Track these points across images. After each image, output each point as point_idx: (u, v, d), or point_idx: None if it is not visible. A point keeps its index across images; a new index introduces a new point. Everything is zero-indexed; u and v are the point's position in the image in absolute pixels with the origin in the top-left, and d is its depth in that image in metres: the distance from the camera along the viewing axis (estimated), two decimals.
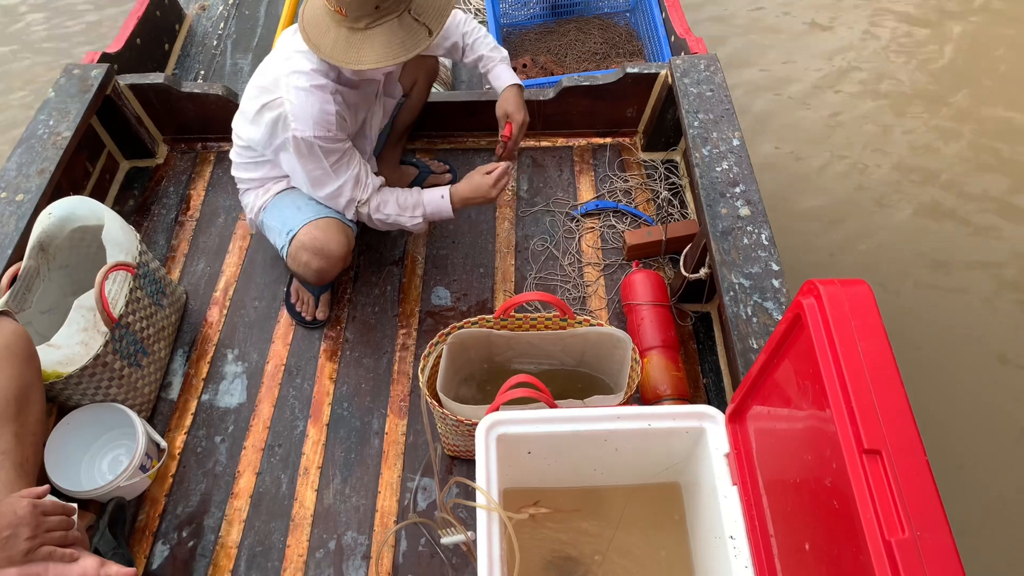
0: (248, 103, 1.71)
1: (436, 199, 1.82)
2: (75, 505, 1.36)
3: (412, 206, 1.81)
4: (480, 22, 2.86)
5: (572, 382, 1.76)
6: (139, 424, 1.66)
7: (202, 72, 2.76)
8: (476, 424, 1.36)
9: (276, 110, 1.63)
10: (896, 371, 0.88)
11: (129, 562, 1.55)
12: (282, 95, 1.61)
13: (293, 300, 2.04)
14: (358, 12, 1.49)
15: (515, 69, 2.64)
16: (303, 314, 2.02)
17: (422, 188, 1.86)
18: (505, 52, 1.99)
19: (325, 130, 1.62)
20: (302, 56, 1.63)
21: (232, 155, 1.92)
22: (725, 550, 1.22)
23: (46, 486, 1.30)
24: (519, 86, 1.94)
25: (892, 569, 0.77)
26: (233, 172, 1.95)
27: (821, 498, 0.95)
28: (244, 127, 1.79)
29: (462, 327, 1.61)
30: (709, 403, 1.79)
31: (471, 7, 2.95)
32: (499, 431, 1.31)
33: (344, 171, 1.73)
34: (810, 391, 0.98)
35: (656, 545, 1.47)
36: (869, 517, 0.81)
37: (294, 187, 1.89)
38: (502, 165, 1.80)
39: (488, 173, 1.79)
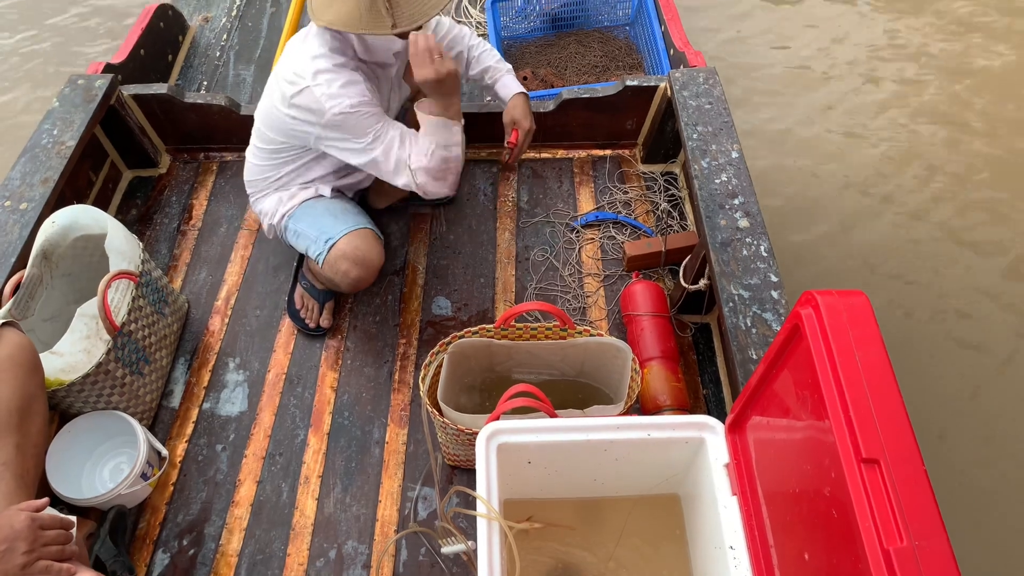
0: (273, 99, 1.75)
1: (431, 124, 1.72)
2: (74, 519, 1.35)
3: (436, 127, 1.73)
4: (481, 35, 2.89)
5: (572, 392, 1.77)
6: (140, 432, 1.67)
7: (205, 83, 2.78)
8: (476, 433, 1.37)
9: (308, 96, 1.65)
10: (893, 380, 0.89)
11: (130, 570, 1.56)
12: (308, 82, 1.64)
13: (298, 307, 2.05)
14: None
15: None
16: (307, 321, 2.03)
17: None
18: (510, 66, 2.04)
19: (360, 96, 1.66)
20: (316, 41, 1.68)
21: (250, 158, 1.94)
22: (725, 561, 1.22)
23: (45, 499, 1.30)
24: (525, 95, 1.99)
25: None
26: (248, 177, 1.97)
27: (820, 508, 0.96)
28: (274, 124, 1.80)
29: (463, 336, 1.62)
30: (709, 414, 1.79)
31: (472, 20, 2.98)
32: (500, 440, 1.32)
33: (389, 130, 1.72)
34: (809, 401, 0.99)
35: (656, 557, 1.48)
36: (868, 526, 0.82)
37: (323, 195, 1.93)
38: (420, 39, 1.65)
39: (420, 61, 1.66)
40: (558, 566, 1.48)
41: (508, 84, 2.01)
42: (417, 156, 1.72)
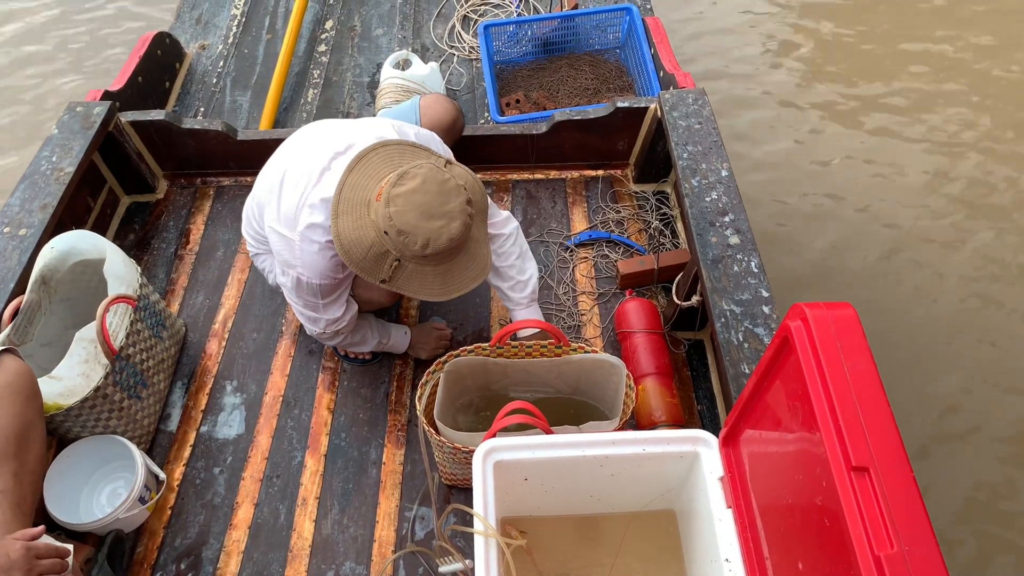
0: (269, 217, 1.67)
1: (401, 338, 1.96)
2: (70, 547, 1.35)
3: (381, 334, 1.91)
4: (473, 59, 2.94)
5: (568, 410, 1.78)
6: (138, 456, 1.67)
7: (202, 109, 2.81)
8: (473, 451, 1.38)
9: (286, 243, 1.61)
10: (881, 389, 0.91)
11: None
12: (296, 240, 1.58)
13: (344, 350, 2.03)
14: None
15: (508, 105, 2.71)
16: (360, 356, 2.02)
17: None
18: (531, 281, 1.84)
19: (331, 279, 1.63)
20: (322, 209, 1.55)
21: (245, 222, 1.94)
22: (721, 574, 1.23)
23: (41, 527, 1.30)
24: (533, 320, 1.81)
25: None
26: (245, 236, 1.99)
27: (812, 517, 0.98)
28: (255, 219, 1.84)
29: (459, 355, 1.64)
30: (704, 429, 1.80)
31: (465, 44, 3.03)
32: (496, 457, 1.33)
33: (333, 309, 1.72)
34: (800, 412, 1.01)
35: (653, 572, 1.48)
36: (858, 533, 0.84)
37: None
38: (447, 331, 2.03)
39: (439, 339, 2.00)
40: None
41: (519, 315, 1.86)
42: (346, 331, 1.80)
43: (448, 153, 1.71)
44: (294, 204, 1.58)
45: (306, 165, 1.61)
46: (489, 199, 1.68)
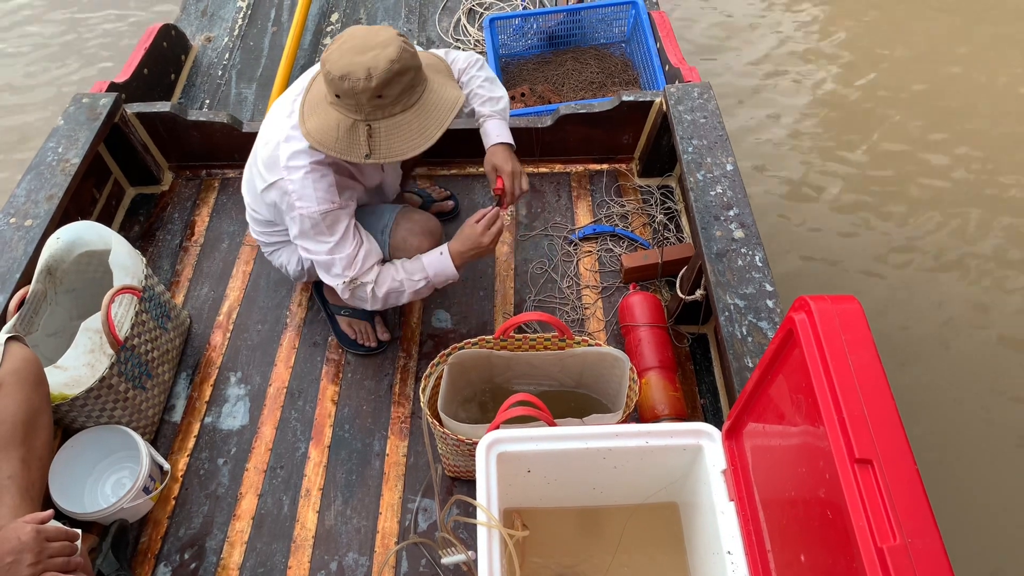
0: (254, 180, 1.73)
1: (435, 257, 1.75)
2: (79, 531, 1.36)
3: (414, 270, 1.76)
4: (480, 52, 2.93)
5: (571, 403, 1.79)
6: (143, 446, 1.68)
7: (207, 101, 2.81)
8: (476, 443, 1.38)
9: (279, 190, 1.63)
10: (885, 382, 0.91)
11: None
12: (283, 175, 1.61)
13: (352, 336, 2.02)
14: (328, 87, 1.51)
15: (513, 98, 2.71)
16: (366, 343, 2.01)
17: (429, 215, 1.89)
18: (502, 100, 1.89)
19: (329, 203, 1.62)
20: (295, 136, 1.61)
21: (251, 223, 1.95)
22: (723, 566, 1.23)
23: (50, 511, 1.31)
24: (506, 144, 1.84)
25: (885, 575, 0.79)
26: (255, 235, 1.98)
27: (815, 509, 0.98)
28: (255, 203, 1.84)
29: (463, 348, 1.64)
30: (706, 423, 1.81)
31: (470, 38, 3.02)
32: (499, 449, 1.33)
33: (349, 244, 1.68)
34: (803, 404, 1.01)
35: (655, 565, 1.48)
36: (861, 525, 0.84)
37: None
38: (490, 210, 1.75)
39: (477, 221, 1.74)
40: (558, 574, 1.48)
41: (490, 132, 1.85)
42: (382, 284, 1.71)
43: None
44: (271, 148, 1.64)
45: (274, 119, 1.69)
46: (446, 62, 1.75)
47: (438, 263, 1.75)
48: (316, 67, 1.73)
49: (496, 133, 1.85)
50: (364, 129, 1.51)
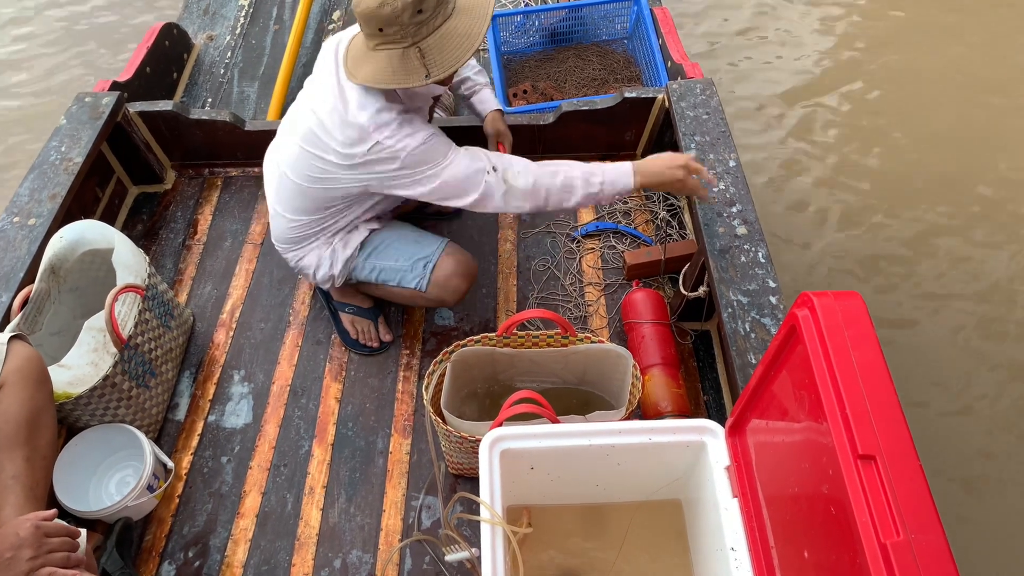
0: (320, 168, 1.69)
1: (615, 167, 1.67)
2: (82, 529, 1.36)
3: (592, 171, 1.69)
4: (481, 50, 2.93)
5: (574, 400, 1.79)
6: (147, 445, 1.68)
7: (209, 100, 2.82)
8: (479, 441, 1.38)
9: (379, 154, 1.62)
10: (888, 378, 0.90)
11: None
12: (378, 138, 1.60)
13: (353, 336, 2.03)
14: (367, 30, 1.56)
15: (515, 95, 2.71)
16: (369, 343, 2.01)
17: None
18: (487, 79, 2.12)
19: (428, 130, 1.64)
20: (361, 100, 1.62)
21: (285, 232, 1.89)
22: (727, 563, 1.23)
23: (53, 510, 1.31)
24: (501, 110, 2.12)
25: (888, 571, 0.79)
26: (284, 247, 1.94)
27: (819, 506, 0.97)
28: (321, 194, 1.76)
29: (465, 345, 1.64)
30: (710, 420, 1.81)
31: None
32: (502, 446, 1.33)
33: (462, 150, 1.68)
34: (806, 401, 1.00)
35: (659, 562, 1.48)
36: (865, 521, 0.84)
37: (375, 228, 1.91)
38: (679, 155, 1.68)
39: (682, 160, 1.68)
40: (561, 572, 1.48)
41: (487, 99, 2.10)
42: (508, 161, 1.68)
43: None
44: (348, 125, 1.62)
45: (324, 115, 1.66)
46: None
47: (616, 168, 1.69)
48: (320, 55, 1.78)
49: (492, 100, 2.10)
50: (415, 53, 1.55)
